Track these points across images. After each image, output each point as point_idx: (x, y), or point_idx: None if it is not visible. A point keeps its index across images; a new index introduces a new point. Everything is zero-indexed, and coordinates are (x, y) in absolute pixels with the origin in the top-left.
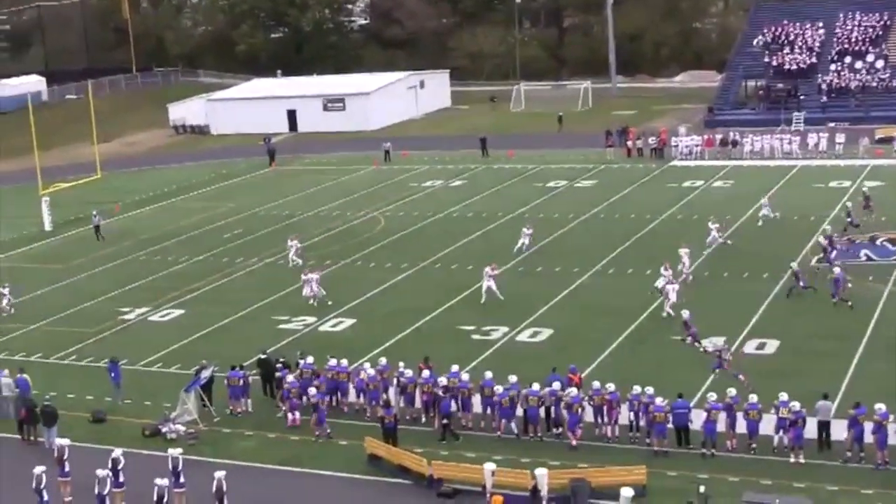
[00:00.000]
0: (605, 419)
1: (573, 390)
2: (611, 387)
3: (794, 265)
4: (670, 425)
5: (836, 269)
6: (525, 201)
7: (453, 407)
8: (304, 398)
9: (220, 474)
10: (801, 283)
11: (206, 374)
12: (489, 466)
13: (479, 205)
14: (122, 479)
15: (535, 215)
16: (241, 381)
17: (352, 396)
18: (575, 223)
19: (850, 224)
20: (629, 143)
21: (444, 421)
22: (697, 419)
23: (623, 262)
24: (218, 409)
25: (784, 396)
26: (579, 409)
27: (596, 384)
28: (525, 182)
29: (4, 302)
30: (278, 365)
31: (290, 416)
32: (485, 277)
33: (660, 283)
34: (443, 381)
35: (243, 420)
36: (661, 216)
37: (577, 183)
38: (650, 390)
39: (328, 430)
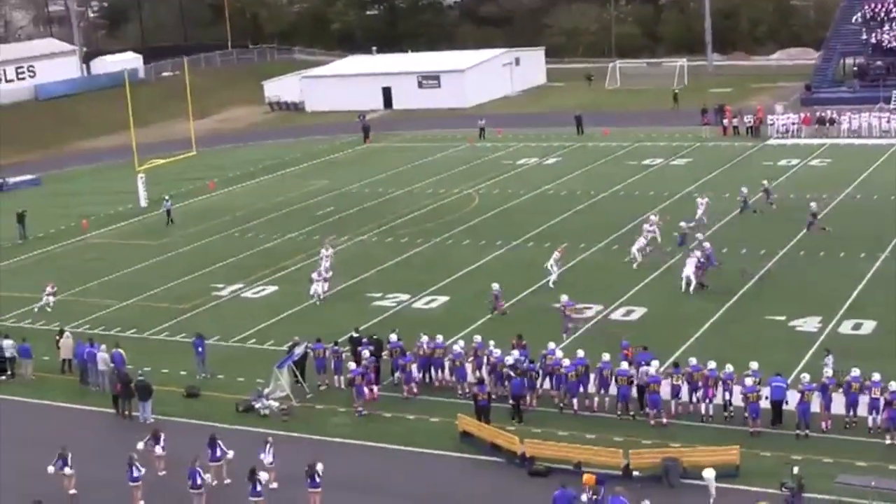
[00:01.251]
0: (699, 397)
1: (649, 369)
2: (711, 364)
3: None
4: (765, 404)
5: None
6: (619, 179)
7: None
8: (397, 373)
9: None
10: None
11: (299, 350)
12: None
13: (573, 183)
14: (218, 453)
15: (631, 193)
16: (324, 354)
17: (446, 374)
18: (669, 202)
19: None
20: (725, 121)
21: (511, 402)
22: (792, 400)
23: (716, 241)
24: (311, 386)
25: (877, 377)
26: (657, 388)
27: (693, 361)
28: (619, 160)
29: (45, 300)
30: (363, 340)
31: (365, 390)
32: (553, 263)
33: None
34: (509, 359)
35: (335, 395)
36: (756, 195)
37: (672, 161)
38: (729, 368)
39: (363, 410)
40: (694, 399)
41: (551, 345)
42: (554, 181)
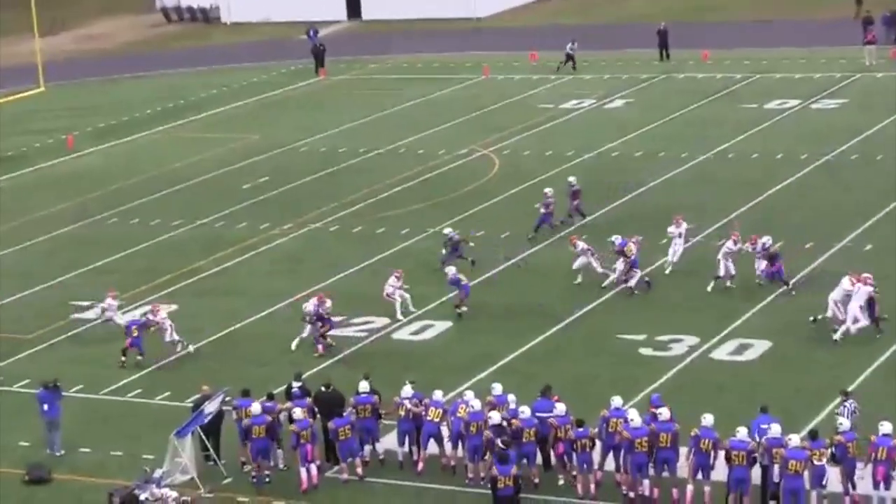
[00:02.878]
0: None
1: (778, 435)
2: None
3: None
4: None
5: None
6: (726, 133)
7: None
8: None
9: None
10: None
11: (211, 407)
12: None
13: (652, 138)
14: None
15: (746, 155)
16: (277, 417)
17: (446, 446)
18: (809, 169)
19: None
20: None
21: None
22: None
23: (884, 234)
24: (230, 463)
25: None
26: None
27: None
28: (728, 101)
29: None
30: (295, 391)
31: (302, 472)
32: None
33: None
34: (495, 417)
35: (269, 482)
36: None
37: (814, 103)
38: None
39: (267, 475)
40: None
41: (617, 400)
42: (621, 136)
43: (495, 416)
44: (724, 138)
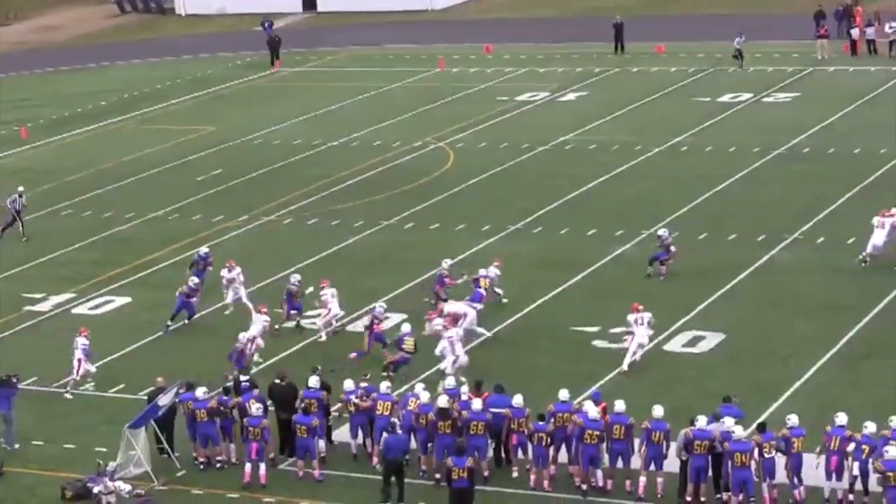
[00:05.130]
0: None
1: (731, 427)
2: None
3: None
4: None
5: None
6: (680, 125)
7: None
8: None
9: None
10: None
11: (164, 399)
12: None
13: (607, 131)
14: None
15: (700, 148)
16: (231, 412)
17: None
18: (762, 161)
19: None
20: (853, 30)
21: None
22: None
23: (836, 227)
24: (183, 456)
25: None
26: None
27: (792, 419)
28: (682, 94)
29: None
30: (244, 384)
31: (247, 466)
32: None
33: None
34: (441, 401)
35: (225, 473)
36: None
37: (766, 96)
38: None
39: (219, 461)
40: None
41: (563, 394)
42: (576, 128)
43: (441, 400)
44: (678, 131)
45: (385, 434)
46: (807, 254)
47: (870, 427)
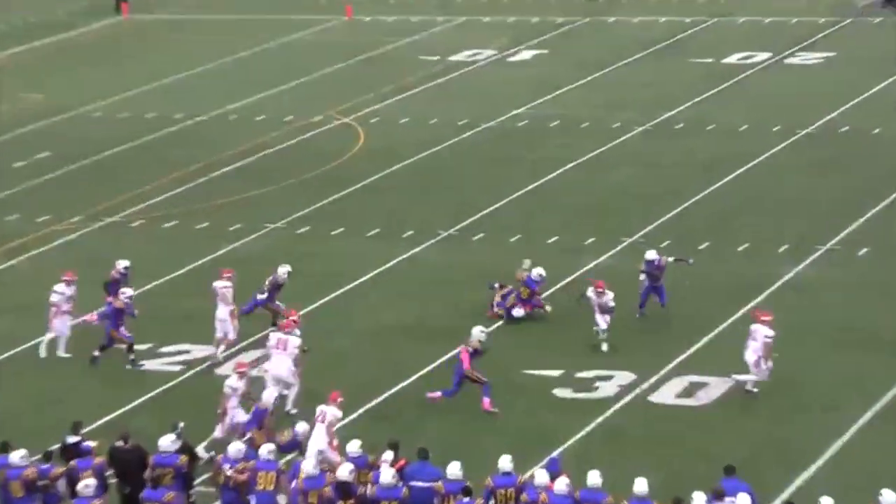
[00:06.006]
0: None
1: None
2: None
3: None
4: None
5: None
6: (672, 96)
7: None
8: None
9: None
10: None
11: None
12: None
13: (577, 103)
14: None
15: (698, 125)
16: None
17: None
18: (784, 145)
19: None
20: None
21: None
22: None
23: (883, 235)
24: None
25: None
26: None
27: None
28: (675, 54)
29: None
30: (74, 442)
31: None
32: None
33: None
34: (343, 472)
35: None
36: None
37: (789, 56)
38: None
39: None
40: None
41: (504, 461)
42: (532, 99)
43: (343, 471)
44: (670, 104)
45: None
46: (844, 270)
47: None
